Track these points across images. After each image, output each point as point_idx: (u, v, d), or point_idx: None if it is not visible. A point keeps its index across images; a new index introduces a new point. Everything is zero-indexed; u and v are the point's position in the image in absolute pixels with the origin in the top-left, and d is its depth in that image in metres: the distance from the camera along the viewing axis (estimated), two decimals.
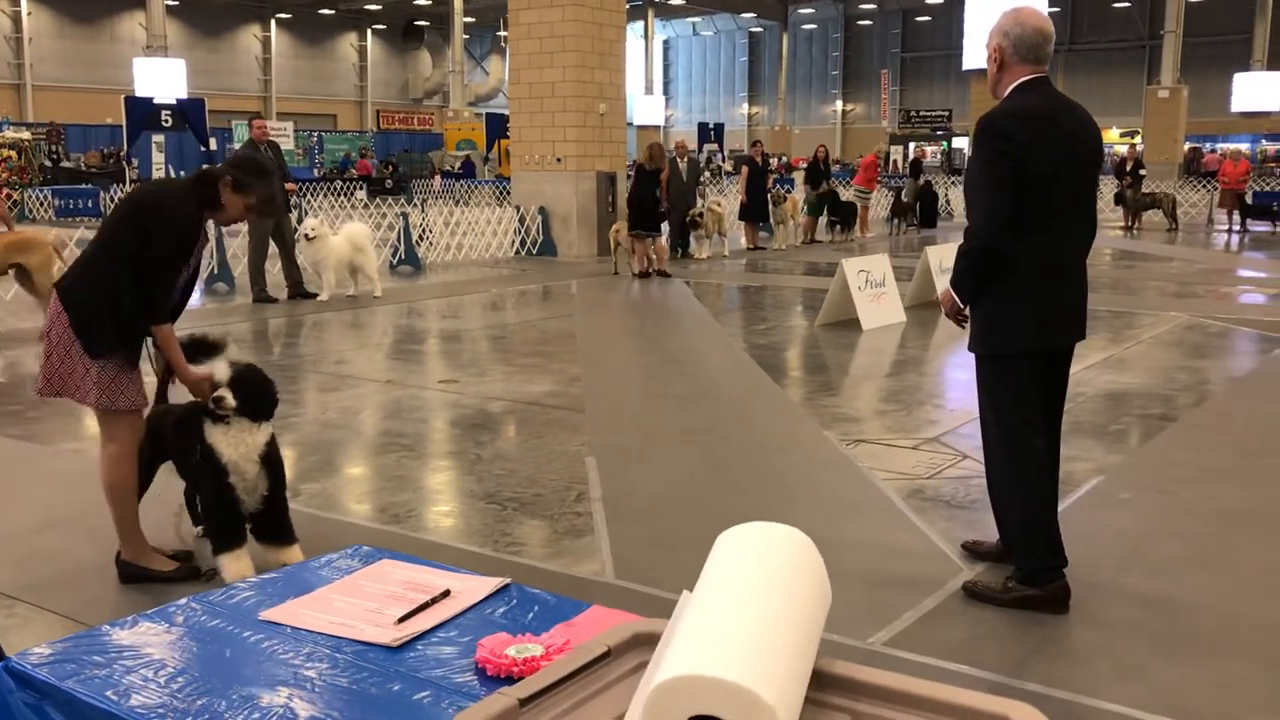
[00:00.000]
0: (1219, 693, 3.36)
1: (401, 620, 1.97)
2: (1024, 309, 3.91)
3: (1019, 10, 3.96)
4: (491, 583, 2.16)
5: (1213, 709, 3.24)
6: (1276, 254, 18.30)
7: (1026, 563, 3.98)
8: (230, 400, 3.92)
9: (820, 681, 1.40)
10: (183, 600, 2.11)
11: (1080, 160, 3.93)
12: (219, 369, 3.96)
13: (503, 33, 45.86)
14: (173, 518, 4.84)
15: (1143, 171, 24.15)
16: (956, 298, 4.03)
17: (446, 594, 2.08)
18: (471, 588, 2.13)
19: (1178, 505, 5.16)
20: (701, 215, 17.07)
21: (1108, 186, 26.04)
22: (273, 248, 12.29)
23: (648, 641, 1.56)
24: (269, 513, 4.09)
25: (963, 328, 4.16)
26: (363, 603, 2.06)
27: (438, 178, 36.71)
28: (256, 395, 4.01)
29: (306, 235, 12.00)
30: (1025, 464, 3.97)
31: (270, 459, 4.05)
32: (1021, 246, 3.82)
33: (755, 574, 1.36)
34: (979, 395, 4.12)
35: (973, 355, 4.10)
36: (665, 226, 15.69)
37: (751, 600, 1.31)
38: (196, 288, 4.48)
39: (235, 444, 3.96)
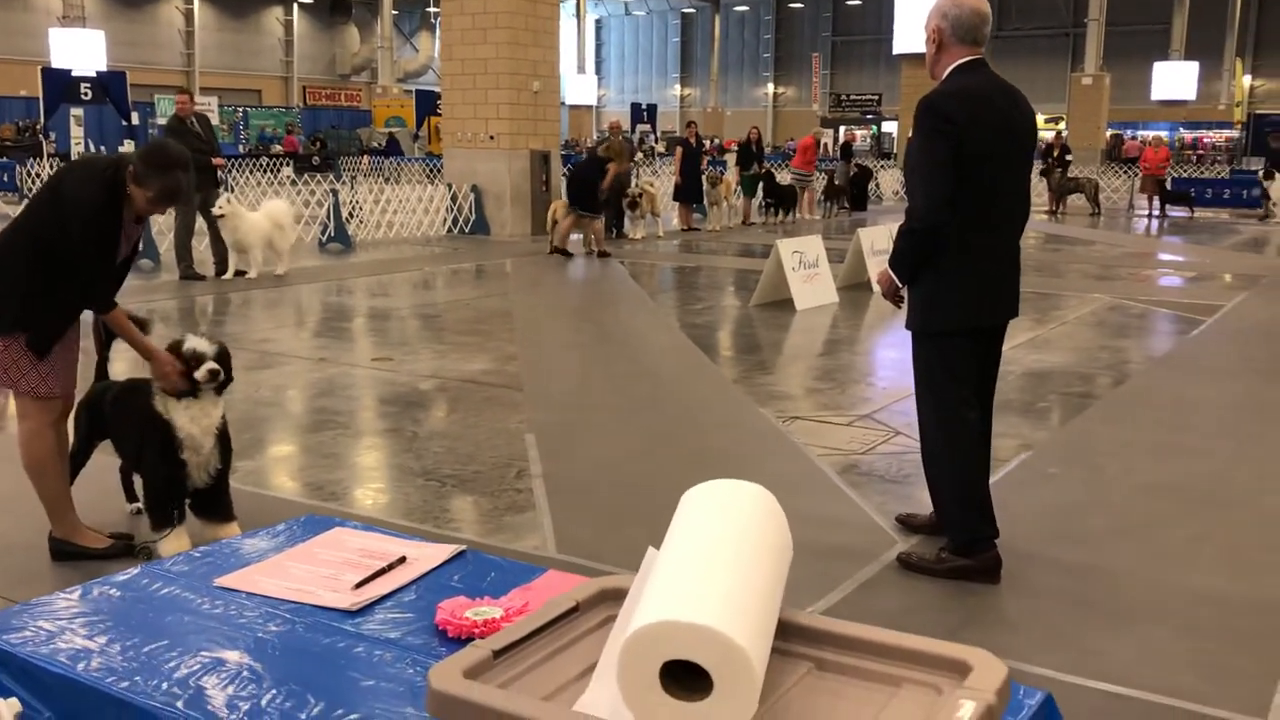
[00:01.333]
0: (1143, 657, 3.48)
1: (359, 586, 1.97)
2: (961, 286, 3.98)
3: None
4: (447, 549, 2.17)
5: (1137, 672, 3.36)
6: (1194, 238, 18.83)
7: (960, 534, 4.08)
8: (222, 375, 3.94)
9: (784, 631, 1.44)
10: (134, 569, 2.09)
11: (1016, 141, 4.01)
12: (200, 344, 3.94)
13: (432, 9, 45.32)
14: (112, 496, 4.75)
15: (1069, 157, 24.64)
16: (895, 277, 4.09)
17: (402, 560, 2.09)
18: (427, 554, 2.14)
19: (1102, 479, 5.31)
20: (641, 195, 17.05)
21: (1034, 170, 26.47)
22: (201, 224, 12.05)
23: (614, 597, 1.59)
24: (214, 489, 4.06)
25: (899, 307, 4.24)
26: (319, 569, 2.06)
27: (366, 155, 36.21)
28: (229, 370, 4.04)
29: (214, 212, 11.76)
30: (960, 438, 4.05)
31: (224, 434, 4.05)
32: (958, 225, 3.88)
33: (723, 527, 1.39)
34: (915, 372, 4.19)
35: (905, 334, 4.18)
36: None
37: (721, 551, 1.34)
38: None
39: (196, 418, 3.93)
